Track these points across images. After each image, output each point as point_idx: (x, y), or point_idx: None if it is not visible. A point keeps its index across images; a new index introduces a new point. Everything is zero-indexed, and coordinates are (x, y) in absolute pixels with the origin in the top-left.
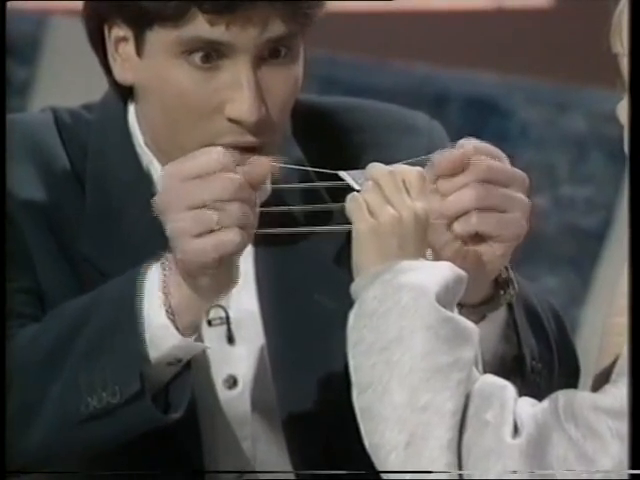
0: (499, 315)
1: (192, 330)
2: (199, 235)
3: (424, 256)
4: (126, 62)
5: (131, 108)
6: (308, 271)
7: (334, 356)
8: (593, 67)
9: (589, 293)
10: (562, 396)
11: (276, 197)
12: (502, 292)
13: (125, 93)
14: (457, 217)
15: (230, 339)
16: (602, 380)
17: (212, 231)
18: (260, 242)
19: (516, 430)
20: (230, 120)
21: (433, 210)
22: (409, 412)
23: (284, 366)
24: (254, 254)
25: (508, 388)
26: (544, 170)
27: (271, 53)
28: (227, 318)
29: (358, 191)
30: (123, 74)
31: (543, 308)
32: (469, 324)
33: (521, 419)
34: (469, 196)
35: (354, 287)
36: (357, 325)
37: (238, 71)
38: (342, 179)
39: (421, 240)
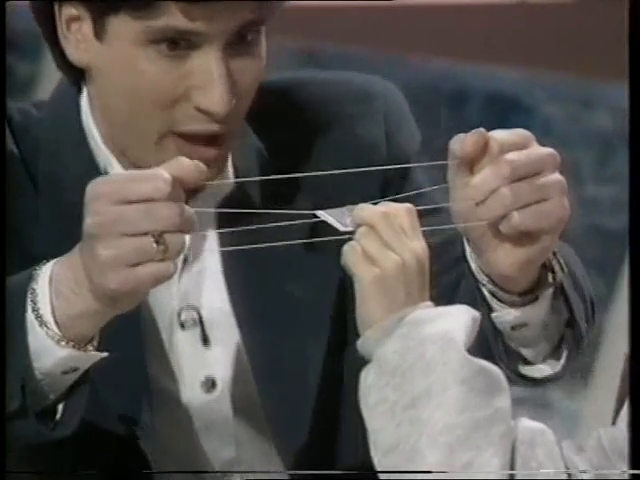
0: (548, 292)
1: (86, 340)
2: (135, 265)
3: (427, 298)
4: (81, 43)
5: (84, 107)
6: (276, 261)
7: (311, 347)
8: (618, 62)
9: (613, 297)
10: (604, 434)
11: (239, 190)
12: (551, 275)
13: (77, 76)
14: (498, 220)
15: (205, 340)
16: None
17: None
18: (225, 238)
19: (569, 476)
20: (198, 110)
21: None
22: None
23: (263, 363)
24: (220, 250)
25: (547, 432)
26: (567, 169)
27: (238, 40)
28: (200, 319)
29: (345, 233)
30: (77, 55)
31: (573, 261)
32: (498, 370)
33: (574, 465)
34: (503, 200)
35: (364, 342)
36: (378, 384)
37: (208, 60)
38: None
39: (424, 283)
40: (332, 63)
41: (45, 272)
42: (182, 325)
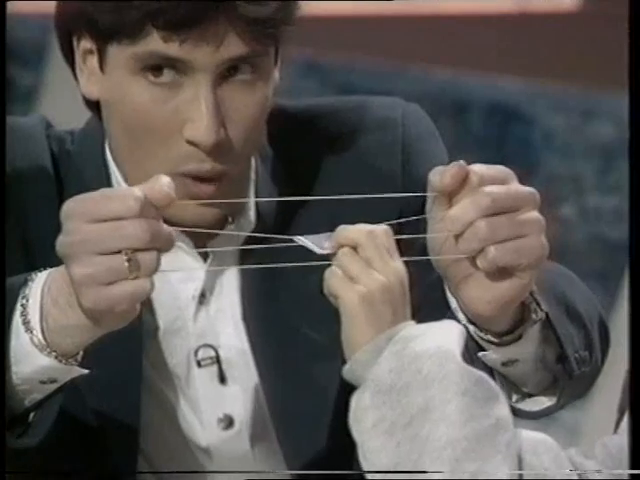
0: (533, 328)
1: (71, 354)
2: (110, 283)
3: (410, 318)
4: (92, 75)
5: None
6: (294, 304)
7: (327, 387)
8: (620, 72)
9: (615, 307)
10: (609, 442)
11: (260, 228)
12: (532, 314)
13: (94, 109)
14: (475, 254)
15: (222, 379)
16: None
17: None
18: (244, 277)
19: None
20: (188, 142)
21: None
22: None
23: (279, 402)
24: (240, 290)
25: (549, 440)
26: (569, 179)
27: (232, 72)
28: (217, 358)
29: (324, 256)
30: (89, 88)
31: (569, 287)
32: (492, 381)
33: (587, 468)
34: (480, 233)
35: (353, 365)
36: (375, 404)
37: (197, 90)
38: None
39: (406, 302)
40: (333, 73)
41: (40, 279)
42: (199, 363)
